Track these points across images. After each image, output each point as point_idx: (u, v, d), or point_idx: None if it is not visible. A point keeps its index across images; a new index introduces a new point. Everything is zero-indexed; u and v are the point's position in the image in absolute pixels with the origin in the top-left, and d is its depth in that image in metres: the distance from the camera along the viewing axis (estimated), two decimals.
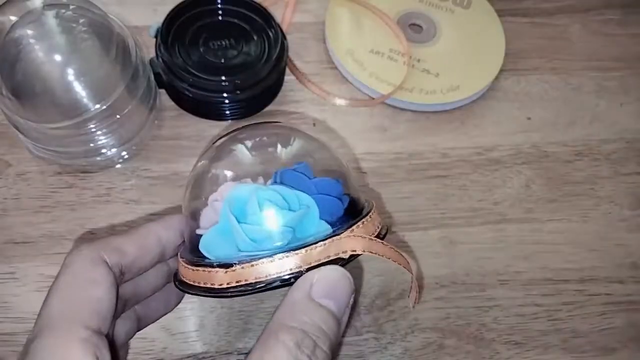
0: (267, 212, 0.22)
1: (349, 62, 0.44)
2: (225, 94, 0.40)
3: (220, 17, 0.43)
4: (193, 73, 0.39)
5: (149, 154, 0.40)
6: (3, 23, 0.33)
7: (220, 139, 0.27)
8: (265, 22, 0.42)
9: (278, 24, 0.42)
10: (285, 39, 0.42)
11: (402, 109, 0.44)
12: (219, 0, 0.43)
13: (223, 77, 0.39)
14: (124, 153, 0.39)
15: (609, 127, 0.45)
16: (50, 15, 0.34)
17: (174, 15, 0.41)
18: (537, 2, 0.51)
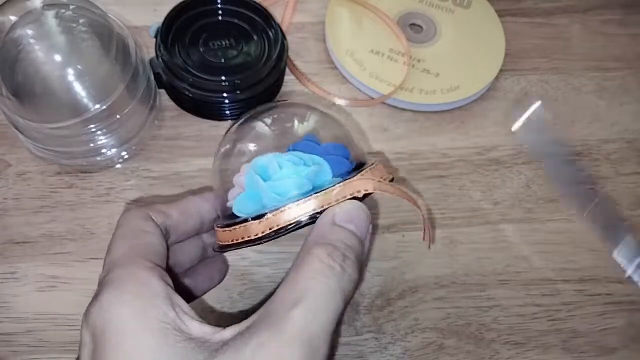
0: (287, 169, 0.26)
1: (349, 62, 0.44)
2: (225, 94, 0.40)
3: (220, 17, 0.43)
4: (193, 73, 0.39)
5: (149, 154, 0.40)
6: (3, 23, 0.33)
7: (238, 121, 0.30)
8: (265, 22, 0.42)
9: (278, 23, 0.42)
10: (285, 38, 0.42)
11: (402, 109, 0.44)
12: (218, 0, 0.43)
13: (223, 77, 0.39)
14: (124, 153, 0.39)
15: (609, 127, 0.45)
16: (50, 15, 0.34)
17: (174, 15, 0.41)
18: (537, 2, 0.51)
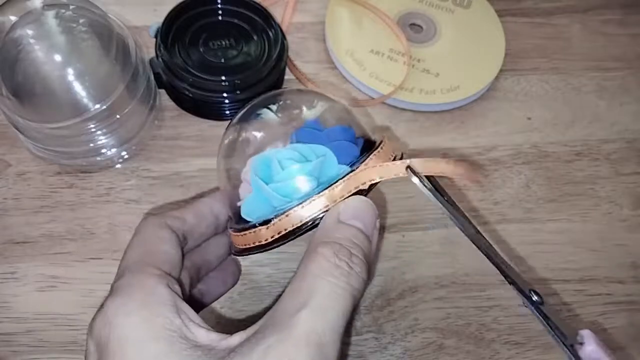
0: (289, 169, 0.25)
1: (349, 62, 0.44)
2: (225, 94, 0.40)
3: (220, 17, 0.43)
4: (193, 73, 0.39)
5: (148, 154, 0.40)
6: (3, 23, 0.33)
7: (240, 112, 0.29)
8: (265, 22, 0.42)
9: (278, 23, 0.42)
10: (285, 38, 0.42)
11: (402, 109, 0.44)
12: (218, 0, 0.43)
13: (223, 77, 0.39)
14: (124, 153, 0.39)
15: (609, 127, 0.45)
16: (50, 15, 0.34)
17: (174, 15, 0.41)
18: (537, 2, 0.51)
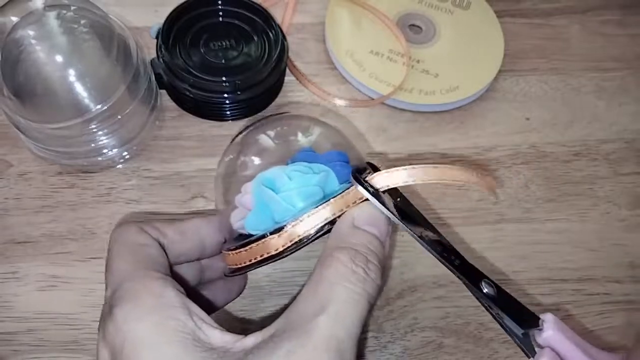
0: (296, 179, 0.25)
1: (349, 63, 0.44)
2: (225, 95, 0.40)
3: (220, 18, 0.43)
4: (194, 74, 0.40)
5: (150, 154, 0.40)
6: (4, 24, 0.33)
7: (238, 135, 0.29)
8: (265, 22, 0.43)
9: (278, 24, 0.42)
10: (286, 39, 0.43)
11: (401, 109, 0.44)
12: (219, 2, 0.43)
13: (223, 78, 0.40)
14: (125, 153, 0.39)
15: (608, 127, 0.45)
16: (52, 16, 0.34)
17: (175, 16, 0.41)
18: (536, 3, 0.51)
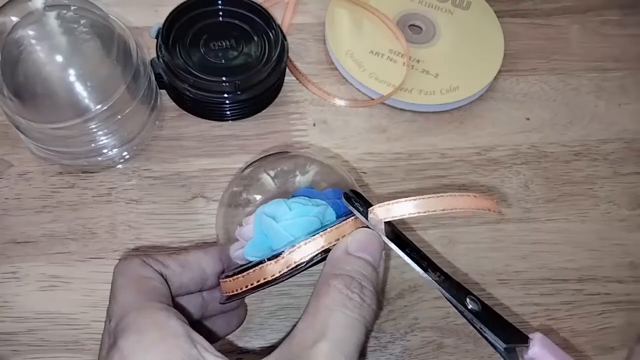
0: (296, 210, 0.26)
1: (349, 63, 0.44)
2: (225, 95, 0.40)
3: (220, 18, 0.43)
4: (194, 74, 0.40)
5: (150, 154, 0.40)
6: (4, 24, 0.33)
7: (242, 171, 0.30)
8: (265, 23, 0.43)
9: (278, 24, 0.42)
10: (286, 39, 0.43)
11: (401, 109, 0.44)
12: (219, 1, 0.43)
13: (224, 78, 0.40)
14: (125, 153, 0.39)
15: (608, 127, 0.45)
16: (52, 16, 0.34)
17: (175, 16, 0.41)
18: (536, 3, 0.51)
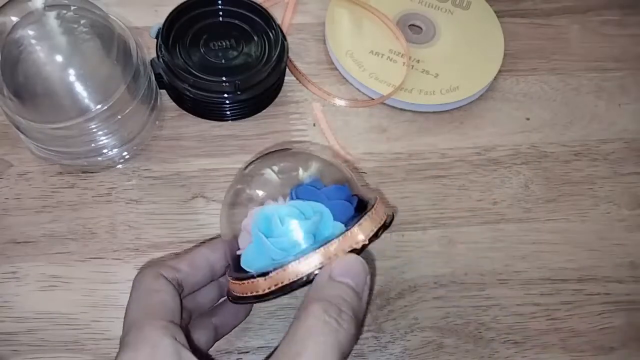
0: (287, 225, 0.26)
1: (349, 63, 0.44)
2: (225, 95, 0.40)
3: (220, 18, 0.43)
4: (194, 74, 0.40)
5: (150, 154, 0.40)
6: (4, 24, 0.33)
7: (245, 168, 0.31)
8: (265, 23, 0.43)
9: (278, 24, 0.42)
10: (286, 39, 0.43)
11: (401, 109, 0.44)
12: (219, 1, 0.43)
13: (224, 78, 0.40)
14: (125, 153, 0.39)
15: (608, 127, 0.45)
16: (52, 16, 0.34)
17: (175, 16, 0.41)
18: (536, 3, 0.51)
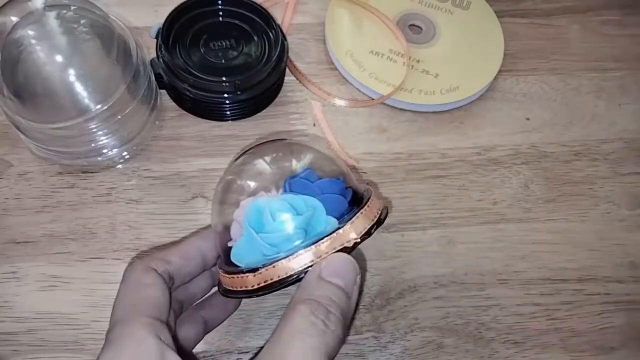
0: (279, 220, 0.26)
1: (349, 63, 0.44)
2: (225, 95, 0.40)
3: (220, 18, 0.43)
4: (194, 74, 0.40)
5: (149, 154, 0.40)
6: (4, 24, 0.33)
7: (236, 160, 0.31)
8: (265, 23, 0.43)
9: (278, 24, 0.42)
10: (286, 39, 0.43)
11: (401, 109, 0.44)
12: (219, 1, 0.43)
13: (223, 78, 0.40)
14: (125, 153, 0.39)
15: (608, 127, 0.45)
16: (52, 16, 0.34)
17: (175, 16, 0.41)
18: (536, 3, 0.51)
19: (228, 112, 0.41)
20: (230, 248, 0.28)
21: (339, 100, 0.44)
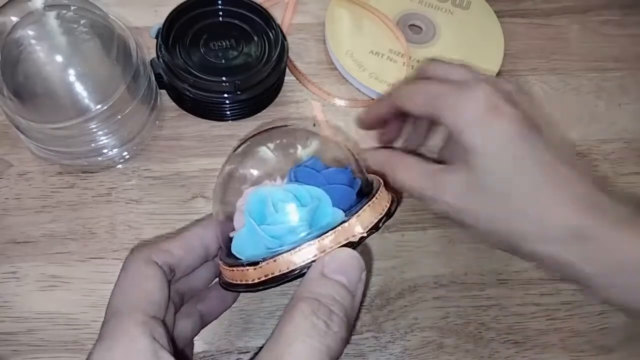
0: (282, 212, 0.25)
1: (349, 63, 0.44)
2: (225, 95, 0.40)
3: (220, 18, 0.43)
4: (194, 74, 0.40)
5: (150, 154, 0.40)
6: (4, 24, 0.33)
7: (239, 147, 0.29)
8: (265, 23, 0.43)
9: (278, 24, 0.42)
10: (286, 39, 0.43)
11: None
12: (219, 1, 0.43)
13: (223, 78, 0.40)
14: (125, 153, 0.39)
15: (608, 127, 0.45)
16: (52, 16, 0.34)
17: (175, 16, 0.41)
18: (536, 3, 0.51)
19: (228, 112, 0.41)
20: (232, 239, 0.27)
21: (339, 100, 0.44)
